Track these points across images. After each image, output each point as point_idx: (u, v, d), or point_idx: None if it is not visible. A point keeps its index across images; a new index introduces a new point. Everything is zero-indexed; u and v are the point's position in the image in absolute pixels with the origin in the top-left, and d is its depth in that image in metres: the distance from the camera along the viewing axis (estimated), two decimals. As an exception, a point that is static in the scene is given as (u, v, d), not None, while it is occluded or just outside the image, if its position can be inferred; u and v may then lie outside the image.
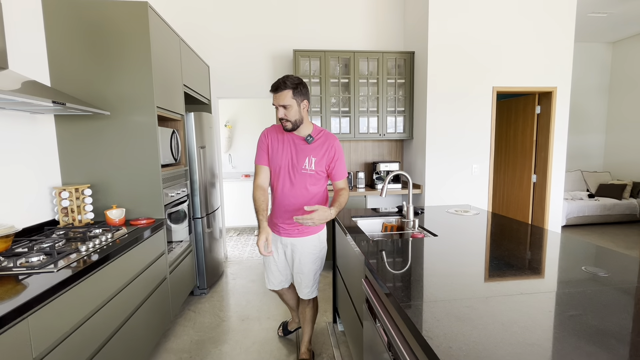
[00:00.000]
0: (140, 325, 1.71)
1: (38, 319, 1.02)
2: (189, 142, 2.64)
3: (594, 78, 5.51)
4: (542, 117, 3.39)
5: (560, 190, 3.35)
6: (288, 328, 2.17)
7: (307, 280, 1.74)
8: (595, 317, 0.79)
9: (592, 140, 5.64)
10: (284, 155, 1.61)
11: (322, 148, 1.59)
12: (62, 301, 1.14)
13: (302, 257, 1.70)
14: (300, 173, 1.59)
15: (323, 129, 1.66)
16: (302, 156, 1.58)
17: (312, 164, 1.57)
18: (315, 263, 1.74)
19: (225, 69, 3.41)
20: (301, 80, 1.55)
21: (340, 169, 1.63)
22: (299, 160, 1.58)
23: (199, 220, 2.73)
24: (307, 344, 1.92)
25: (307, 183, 1.60)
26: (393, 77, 3.33)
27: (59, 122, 1.94)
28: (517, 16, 3.08)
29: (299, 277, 1.75)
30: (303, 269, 1.72)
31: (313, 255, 1.71)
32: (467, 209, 2.13)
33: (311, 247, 1.70)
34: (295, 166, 1.59)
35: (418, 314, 0.84)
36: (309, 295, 1.78)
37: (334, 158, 1.60)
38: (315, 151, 1.58)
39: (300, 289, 1.77)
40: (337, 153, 1.60)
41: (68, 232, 1.71)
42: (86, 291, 1.28)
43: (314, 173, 1.58)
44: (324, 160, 1.59)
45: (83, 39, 1.89)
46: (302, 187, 1.60)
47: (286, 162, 1.61)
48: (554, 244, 1.41)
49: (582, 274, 1.06)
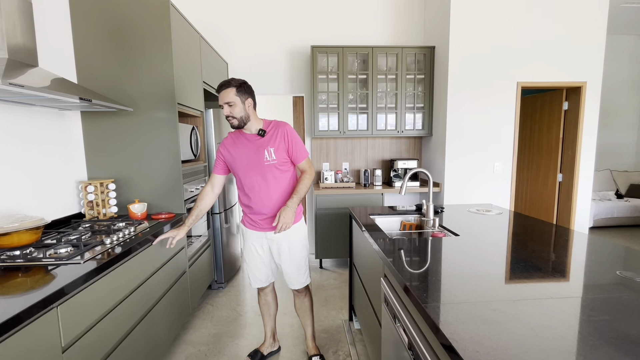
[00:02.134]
0: (161, 317, 1.75)
1: (67, 308, 1.06)
2: (208, 138, 2.68)
3: (626, 72, 5.22)
4: (570, 114, 3.24)
5: (588, 190, 3.20)
6: (263, 354, 1.93)
7: (299, 267, 1.77)
8: (634, 326, 0.74)
9: (622, 138, 5.35)
10: (244, 156, 1.66)
11: (276, 137, 1.64)
12: (89, 292, 1.18)
13: (290, 245, 1.73)
14: (265, 166, 1.64)
15: (272, 120, 1.71)
16: (261, 150, 1.64)
17: (271, 154, 1.63)
18: (303, 250, 1.78)
19: (244, 65, 3.44)
20: (245, 81, 1.63)
21: (297, 150, 1.67)
22: (259, 156, 1.64)
23: (217, 216, 2.77)
24: (312, 338, 1.94)
25: (275, 173, 1.65)
26: (412, 73, 3.26)
27: (85, 118, 2.00)
28: (544, 8, 2.95)
29: (291, 268, 1.76)
30: (294, 257, 1.75)
31: (300, 242, 1.76)
32: (489, 209, 2.06)
33: (298, 235, 1.75)
34: (258, 162, 1.64)
35: (442, 316, 0.81)
36: (304, 282, 1.81)
37: (289, 141, 1.65)
38: (271, 141, 1.64)
39: (295, 279, 1.78)
40: (290, 136, 1.66)
41: (93, 225, 1.77)
42: (111, 282, 1.31)
43: (276, 162, 1.64)
44: (281, 147, 1.64)
45: (107, 37, 1.94)
46: (271, 178, 1.65)
47: (248, 162, 1.66)
48: (584, 245, 1.34)
49: (616, 278, 1.00)
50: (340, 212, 3.15)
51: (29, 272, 1.16)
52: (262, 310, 1.95)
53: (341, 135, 3.30)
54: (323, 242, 3.20)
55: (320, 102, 3.27)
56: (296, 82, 3.50)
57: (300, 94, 3.54)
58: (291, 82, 3.50)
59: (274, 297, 1.96)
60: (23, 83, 1.19)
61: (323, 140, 3.56)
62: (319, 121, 3.28)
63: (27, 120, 1.61)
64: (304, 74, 3.49)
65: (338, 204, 3.14)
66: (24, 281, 1.09)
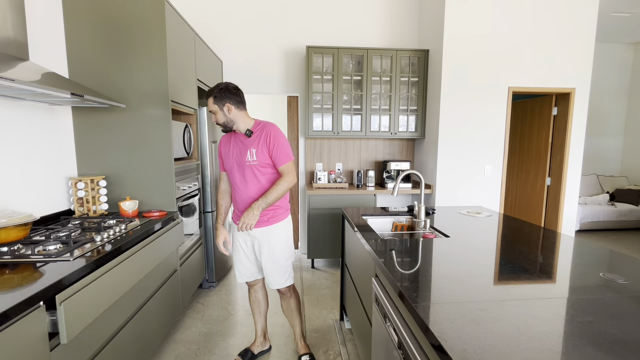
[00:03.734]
0: (151, 316, 1.74)
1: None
2: (201, 136, 2.66)
3: (613, 79, 5.35)
4: (559, 119, 3.31)
5: (575, 194, 3.28)
6: (254, 352, 1.93)
7: (279, 268, 1.75)
8: (615, 326, 0.77)
9: (609, 143, 5.49)
10: (232, 155, 1.72)
11: (259, 138, 1.66)
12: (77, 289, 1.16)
13: (270, 246, 1.73)
14: (246, 166, 1.67)
15: (262, 121, 1.72)
16: (244, 150, 1.67)
17: (253, 155, 1.65)
18: (286, 250, 1.77)
19: (238, 64, 3.42)
20: (224, 86, 1.64)
21: (278, 153, 1.65)
22: (242, 155, 1.68)
23: (210, 214, 2.76)
24: (302, 337, 1.95)
25: (256, 174, 1.67)
26: (406, 75, 3.29)
27: (76, 113, 1.98)
28: (536, 15, 3.01)
29: (271, 267, 1.75)
30: (275, 258, 1.74)
31: (282, 244, 1.75)
32: (479, 211, 2.10)
33: (279, 235, 1.74)
34: (241, 161, 1.68)
35: (431, 316, 0.83)
36: (284, 283, 1.79)
37: (271, 144, 1.64)
38: (254, 143, 1.66)
39: (274, 279, 1.77)
40: (273, 138, 1.65)
41: (83, 222, 1.75)
42: (100, 280, 1.30)
43: (256, 163, 1.66)
44: (263, 149, 1.65)
45: (100, 32, 1.92)
46: (252, 178, 1.67)
47: (234, 160, 1.71)
48: (570, 248, 1.38)
49: (600, 280, 1.04)
50: (333, 213, 3.16)
51: (17, 269, 1.14)
52: (253, 307, 1.95)
53: (335, 135, 3.31)
54: (315, 242, 3.20)
55: (315, 103, 3.28)
56: (291, 82, 3.50)
57: (294, 93, 3.54)
58: (286, 82, 3.50)
59: (264, 294, 1.95)
60: (13, 77, 1.18)
61: (317, 141, 3.57)
62: (313, 121, 3.29)
63: (16, 114, 1.58)
64: (299, 74, 3.49)
65: (331, 204, 3.15)
66: (11, 278, 1.07)
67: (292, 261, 1.83)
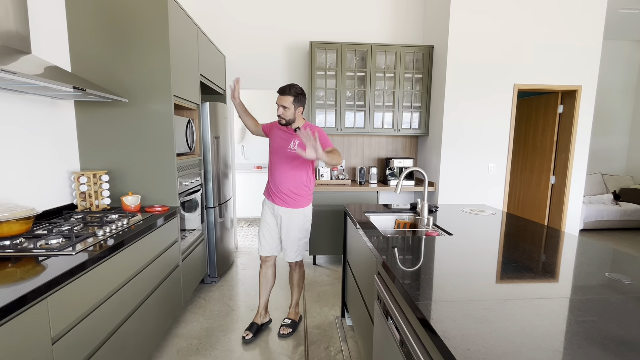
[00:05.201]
0: (153, 310, 1.74)
1: (57, 299, 1.05)
2: (203, 131, 2.65)
3: (620, 77, 5.28)
4: (565, 117, 3.27)
5: (580, 193, 3.25)
6: (259, 324, 2.13)
7: (292, 245, 2.09)
8: (621, 327, 0.76)
9: (614, 142, 5.42)
10: (278, 139, 2.05)
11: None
12: (80, 283, 1.17)
13: (289, 225, 2.05)
14: (286, 152, 1.99)
15: (311, 123, 2.08)
16: (289, 140, 2.00)
17: (295, 145, 1.96)
18: (300, 232, 2.09)
19: (241, 59, 3.41)
20: (303, 91, 1.97)
21: (323, 142, 1.90)
22: (286, 143, 2.00)
23: (212, 210, 2.76)
24: (295, 306, 2.22)
25: (293, 161, 1.99)
26: (410, 72, 3.26)
27: (78, 108, 1.97)
28: (543, 11, 2.96)
29: (286, 242, 2.09)
30: (290, 236, 2.07)
31: (298, 226, 2.06)
32: (483, 209, 2.08)
33: (297, 218, 2.05)
34: (283, 147, 2.00)
35: (434, 314, 0.82)
36: (293, 258, 2.12)
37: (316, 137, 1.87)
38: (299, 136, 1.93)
39: (286, 253, 2.12)
40: (317, 133, 1.82)
41: (86, 217, 1.75)
42: (102, 275, 1.30)
43: (296, 152, 1.90)
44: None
45: (103, 26, 1.91)
46: (288, 163, 2.00)
47: (278, 144, 2.03)
48: (574, 247, 1.36)
49: (605, 280, 1.02)
50: (335, 209, 3.16)
51: (19, 263, 1.14)
52: (261, 282, 2.19)
53: (338, 132, 3.29)
54: (317, 238, 3.20)
55: (318, 99, 3.26)
56: (294, 78, 3.48)
57: (297, 89, 3.51)
58: (289, 78, 3.48)
59: (273, 272, 2.21)
60: (16, 70, 1.17)
61: (319, 137, 3.55)
62: (316, 117, 3.27)
63: (18, 108, 1.58)
64: (302, 70, 3.47)
65: (333, 201, 3.14)
66: (13, 272, 1.07)
67: (306, 242, 2.14)
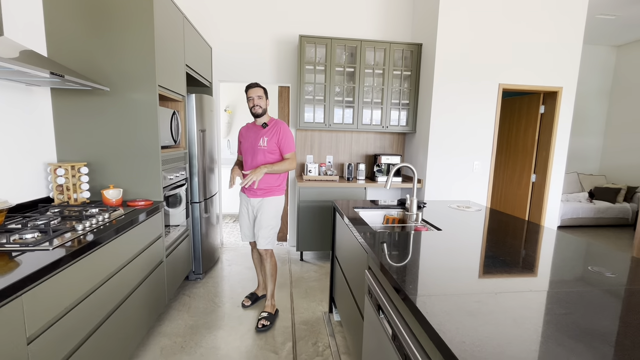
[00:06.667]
0: (136, 308, 1.68)
1: (32, 297, 0.99)
2: (189, 124, 2.58)
3: (596, 81, 5.50)
4: (546, 117, 3.38)
5: (559, 191, 3.37)
6: (258, 295, 2.48)
7: (264, 232, 2.20)
8: (607, 317, 0.78)
9: (589, 143, 5.66)
10: (248, 140, 2.24)
11: (272, 130, 2.18)
12: (58, 280, 1.11)
13: (262, 213, 2.20)
14: (258, 149, 2.17)
15: (276, 119, 2.24)
16: (259, 137, 2.18)
17: (265, 142, 2.16)
18: (273, 220, 2.21)
19: (229, 51, 3.32)
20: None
21: (284, 144, 2.18)
22: (257, 141, 2.18)
23: (197, 205, 2.69)
24: (271, 298, 2.28)
25: (264, 156, 2.17)
26: (399, 69, 3.27)
27: (55, 95, 1.87)
28: (528, 13, 3.03)
29: (258, 229, 2.22)
30: (262, 223, 2.20)
31: (270, 213, 2.20)
32: (469, 205, 2.12)
33: (269, 205, 2.20)
34: (254, 145, 2.19)
35: (428, 308, 0.82)
36: (265, 246, 2.22)
37: (280, 137, 2.16)
38: (268, 133, 2.17)
39: (258, 239, 2.22)
40: (282, 133, 2.17)
41: (63, 210, 1.66)
42: (82, 271, 1.24)
43: (266, 148, 2.16)
44: (273, 139, 2.16)
45: (83, 9, 1.81)
46: (261, 159, 2.17)
47: (249, 144, 2.22)
48: (558, 242, 1.40)
49: (589, 273, 1.05)
50: (323, 205, 3.15)
51: (-9, 258, 1.07)
52: (255, 262, 2.48)
53: (326, 127, 3.28)
54: (304, 234, 3.18)
55: (307, 94, 3.23)
56: (282, 72, 3.43)
57: (286, 84, 3.47)
58: (277, 72, 3.43)
59: (257, 253, 2.41)
60: (-14, 52, 1.09)
61: (308, 132, 3.53)
62: (304, 113, 3.24)
63: (-11, 94, 1.48)
64: (291, 64, 3.43)
65: (321, 197, 3.13)
66: (-16, 268, 1.00)
67: (276, 231, 2.26)
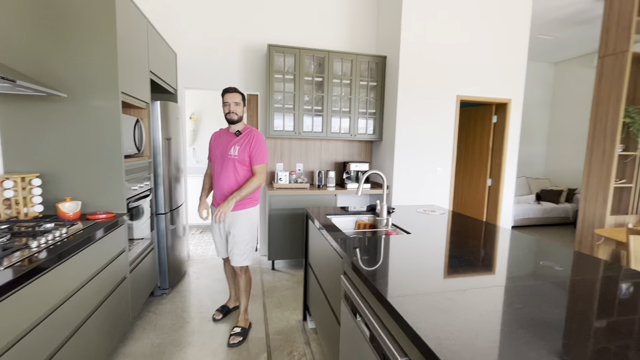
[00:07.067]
0: (98, 329, 1.57)
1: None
2: (153, 132, 2.48)
3: (539, 94, 6.11)
4: (498, 126, 3.68)
5: (512, 193, 3.66)
6: (229, 307, 2.40)
7: (239, 248, 2.06)
8: (558, 306, 0.88)
9: (535, 149, 6.24)
10: (219, 148, 2.10)
11: (245, 139, 2.05)
12: (8, 304, 1.01)
13: (235, 228, 2.06)
14: (227, 158, 2.04)
15: (251, 127, 2.13)
16: (230, 146, 2.05)
17: (236, 150, 2.03)
18: (247, 234, 2.08)
19: (194, 57, 3.25)
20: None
21: (256, 155, 2.04)
22: (227, 149, 2.05)
23: (162, 217, 2.58)
24: (244, 313, 2.19)
25: (234, 166, 2.03)
26: (365, 80, 3.40)
27: (2, 102, 1.72)
28: (480, 31, 3.31)
29: (232, 245, 2.07)
30: (236, 239, 2.06)
31: (244, 227, 2.07)
32: (434, 209, 2.24)
33: (243, 219, 2.07)
34: (224, 153, 2.05)
35: (404, 307, 0.86)
36: (241, 263, 2.08)
37: (252, 146, 2.03)
38: (240, 142, 2.05)
39: (232, 257, 2.08)
40: (255, 142, 2.04)
41: (12, 227, 1.52)
42: (37, 293, 1.14)
43: (237, 158, 2.03)
44: (246, 148, 2.03)
45: (36, 9, 1.69)
46: (230, 169, 2.03)
47: (219, 152, 2.08)
48: (512, 241, 1.53)
49: (541, 267, 1.17)
50: (294, 213, 3.15)
51: None
52: (227, 276, 2.39)
53: (296, 136, 3.30)
54: (276, 243, 3.16)
55: (276, 102, 3.24)
56: (250, 80, 3.42)
57: (254, 92, 3.46)
58: (245, 80, 3.41)
59: (229, 267, 2.31)
60: None
61: (277, 140, 3.53)
62: (274, 121, 3.24)
63: None
64: (259, 72, 3.43)
65: (292, 205, 3.13)
66: None
67: (252, 246, 2.12)
